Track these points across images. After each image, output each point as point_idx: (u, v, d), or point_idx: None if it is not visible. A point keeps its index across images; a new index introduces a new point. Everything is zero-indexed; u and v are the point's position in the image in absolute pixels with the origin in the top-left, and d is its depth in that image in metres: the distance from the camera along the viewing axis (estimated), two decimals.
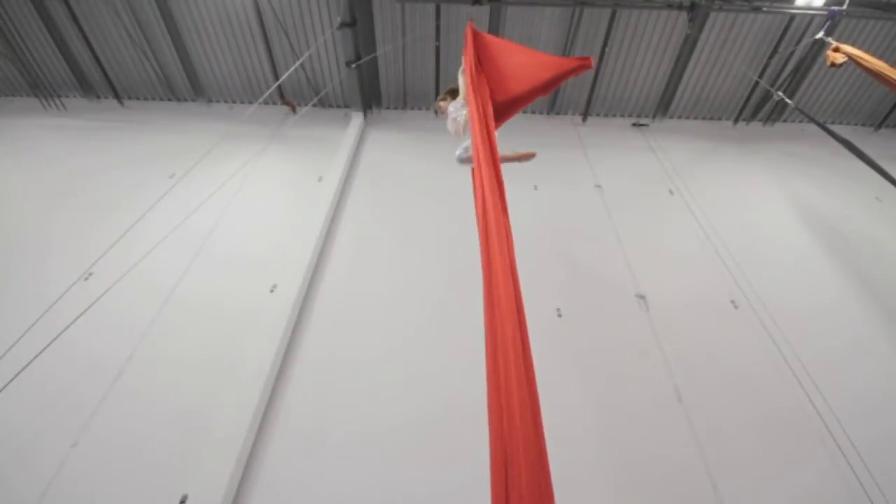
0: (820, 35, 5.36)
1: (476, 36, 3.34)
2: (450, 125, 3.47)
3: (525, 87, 2.74)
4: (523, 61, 2.93)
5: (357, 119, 6.87)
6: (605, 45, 6.67)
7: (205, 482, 2.98)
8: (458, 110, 3.39)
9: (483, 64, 3.08)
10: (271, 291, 4.37)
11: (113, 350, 3.83)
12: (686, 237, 5.31)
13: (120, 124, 6.88)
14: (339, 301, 4.39)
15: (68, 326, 2.97)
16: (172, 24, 6.57)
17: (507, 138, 3.60)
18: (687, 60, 6.84)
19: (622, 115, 7.65)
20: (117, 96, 7.35)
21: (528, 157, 3.73)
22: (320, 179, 5.76)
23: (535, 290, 4.60)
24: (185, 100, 7.47)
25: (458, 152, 3.45)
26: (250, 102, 7.27)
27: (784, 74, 7.01)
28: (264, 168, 5.92)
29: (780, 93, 5.20)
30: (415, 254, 4.89)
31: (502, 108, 2.82)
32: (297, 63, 5.52)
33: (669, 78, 7.09)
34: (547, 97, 7.35)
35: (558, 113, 7.61)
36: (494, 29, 6.43)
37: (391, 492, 3.12)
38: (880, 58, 4.70)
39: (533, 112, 7.61)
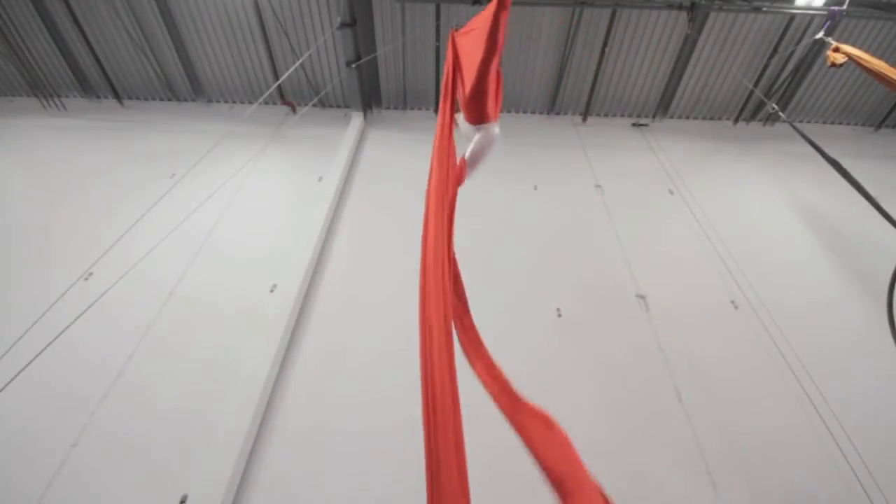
0: (820, 35, 5.37)
1: (454, 41, 3.30)
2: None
3: (479, 58, 2.56)
4: (478, 35, 2.84)
5: (357, 119, 6.87)
6: (605, 45, 6.67)
7: (205, 482, 2.98)
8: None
9: (459, 63, 3.02)
10: (271, 291, 4.37)
11: (113, 350, 3.83)
12: (686, 237, 5.31)
13: (120, 124, 6.88)
14: (340, 301, 4.39)
15: (68, 326, 2.97)
16: (172, 24, 6.57)
17: (509, 138, 3.60)
18: (687, 60, 6.84)
19: (622, 115, 7.65)
20: (117, 96, 7.35)
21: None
22: (320, 179, 5.76)
23: (535, 290, 4.62)
24: (185, 100, 7.46)
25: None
26: (250, 102, 7.27)
27: (784, 74, 7.01)
28: (264, 168, 5.93)
29: (774, 105, 5.22)
30: (415, 254, 4.86)
31: (478, 91, 2.69)
32: (297, 63, 5.52)
33: (669, 78, 7.09)
34: (547, 97, 7.36)
35: (558, 113, 7.60)
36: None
37: (391, 492, 3.12)
38: (880, 58, 4.70)
39: (533, 112, 7.61)
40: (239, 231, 5.06)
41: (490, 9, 2.48)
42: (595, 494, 1.25)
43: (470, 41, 2.94)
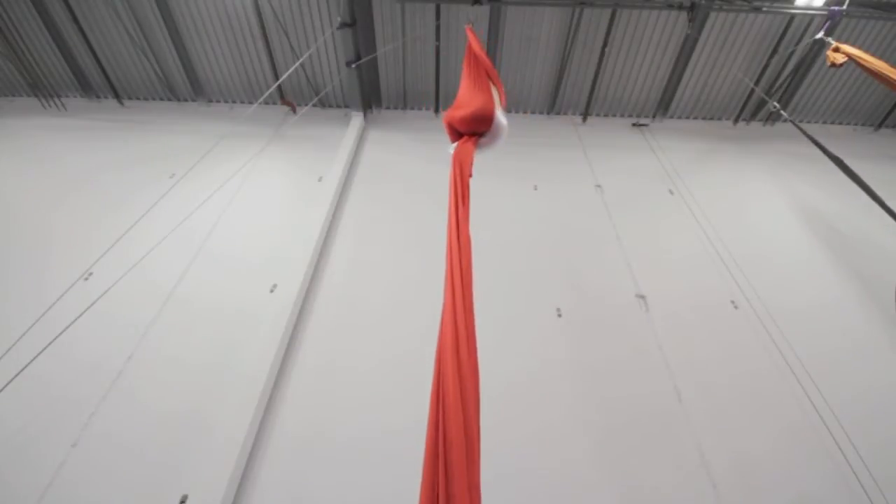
0: (820, 35, 5.38)
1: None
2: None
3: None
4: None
5: (357, 119, 6.87)
6: (605, 45, 6.66)
7: (205, 482, 2.98)
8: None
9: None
10: (271, 292, 4.37)
11: (113, 350, 3.83)
12: (686, 237, 5.31)
13: (120, 124, 6.88)
14: (339, 302, 4.39)
15: (68, 326, 2.97)
16: (172, 24, 6.57)
17: (509, 138, 3.59)
18: (687, 60, 6.84)
19: (622, 115, 7.65)
20: (117, 96, 7.35)
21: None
22: (320, 179, 5.76)
23: (535, 290, 4.62)
24: (185, 100, 7.46)
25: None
26: (250, 102, 7.27)
27: (784, 74, 7.01)
28: (264, 168, 5.92)
29: (776, 104, 5.23)
30: (415, 255, 4.89)
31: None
32: (297, 63, 5.52)
33: (669, 78, 7.09)
34: (547, 97, 7.36)
35: (558, 113, 7.60)
36: (494, 29, 6.43)
37: (390, 494, 3.11)
38: (880, 58, 4.70)
39: (533, 112, 7.61)
40: (239, 231, 5.05)
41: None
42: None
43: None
